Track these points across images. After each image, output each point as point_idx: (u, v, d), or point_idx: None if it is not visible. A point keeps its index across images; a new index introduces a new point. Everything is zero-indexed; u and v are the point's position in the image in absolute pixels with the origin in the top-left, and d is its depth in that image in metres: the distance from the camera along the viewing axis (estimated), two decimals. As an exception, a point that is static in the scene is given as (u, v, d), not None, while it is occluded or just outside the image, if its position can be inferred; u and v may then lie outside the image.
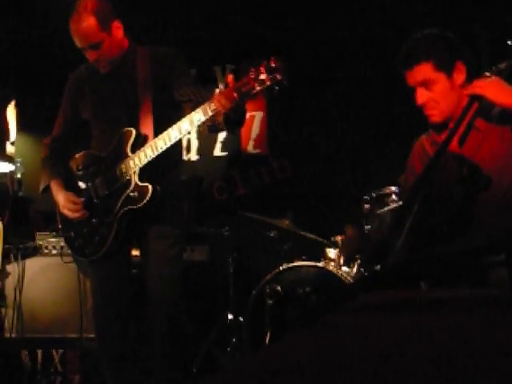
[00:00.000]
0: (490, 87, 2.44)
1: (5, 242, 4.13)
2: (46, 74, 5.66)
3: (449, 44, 2.64)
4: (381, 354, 0.87)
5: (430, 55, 2.59)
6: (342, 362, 0.84)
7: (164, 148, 2.95)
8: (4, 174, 4.57)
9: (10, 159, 4.38)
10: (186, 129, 2.90)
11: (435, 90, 2.62)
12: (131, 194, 3.03)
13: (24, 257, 4.59)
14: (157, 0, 5.68)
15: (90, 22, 3.05)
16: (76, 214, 3.20)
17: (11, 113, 4.42)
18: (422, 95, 2.64)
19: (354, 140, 5.36)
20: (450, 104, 2.64)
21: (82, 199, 3.22)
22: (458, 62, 2.62)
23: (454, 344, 0.92)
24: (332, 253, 4.37)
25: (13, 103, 4.41)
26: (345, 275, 4.08)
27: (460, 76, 2.62)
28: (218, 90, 2.79)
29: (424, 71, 2.61)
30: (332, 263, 4.29)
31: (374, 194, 3.91)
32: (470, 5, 4.86)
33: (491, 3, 4.72)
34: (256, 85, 2.63)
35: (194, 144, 5.85)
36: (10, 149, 4.39)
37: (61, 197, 3.26)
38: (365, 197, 3.91)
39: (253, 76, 2.63)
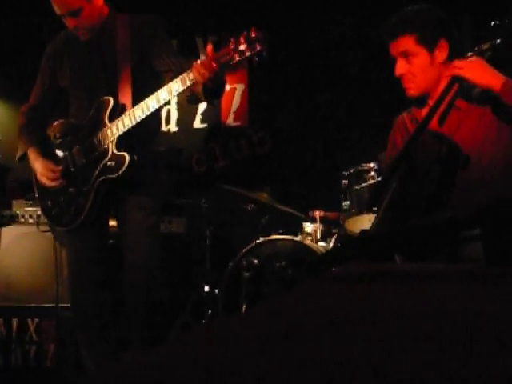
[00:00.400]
0: (471, 68, 2.44)
1: (-20, 209, 4.09)
2: (24, 41, 5.59)
3: (436, 20, 2.64)
4: (354, 323, 0.87)
5: (414, 28, 2.60)
6: (316, 329, 0.84)
7: (142, 117, 2.93)
8: (-19, 142, 4.52)
9: (-14, 126, 4.33)
10: (164, 98, 2.87)
11: (414, 63, 2.63)
12: (108, 163, 3.01)
13: (0, 225, 4.55)
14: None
15: None
16: (53, 183, 3.18)
17: (-12, 80, 4.35)
18: (400, 66, 2.65)
19: (333, 115, 5.36)
20: (428, 79, 2.65)
21: (60, 167, 3.19)
22: (442, 39, 2.62)
23: (427, 316, 0.93)
24: (309, 227, 4.40)
25: (-10, 70, 4.34)
26: (321, 249, 4.10)
27: (442, 53, 2.62)
28: (198, 61, 2.75)
29: (406, 43, 2.61)
30: (309, 237, 4.31)
31: (352, 170, 3.92)
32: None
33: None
34: (236, 55, 2.61)
35: (174, 115, 5.82)
36: (-14, 116, 4.33)
37: (38, 164, 3.23)
38: (343, 172, 3.92)
39: (232, 46, 2.61)
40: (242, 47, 2.59)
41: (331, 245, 4.27)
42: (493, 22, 2.50)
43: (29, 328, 4.32)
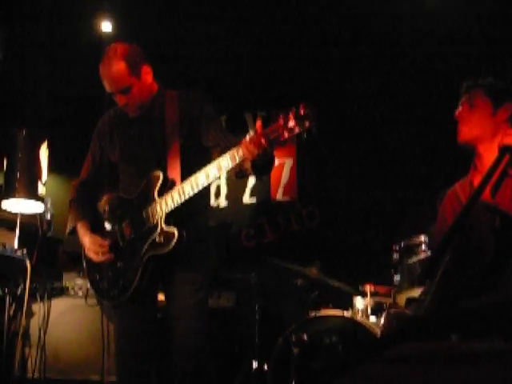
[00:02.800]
0: None
1: (32, 281, 4.13)
2: (78, 116, 5.75)
3: (508, 87, 2.79)
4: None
5: (487, 85, 2.77)
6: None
7: (191, 194, 2.92)
8: (34, 214, 4.59)
9: (41, 199, 4.41)
10: (214, 174, 2.87)
11: (476, 111, 2.74)
12: (157, 238, 3.00)
13: (50, 297, 4.59)
14: (188, 47, 5.74)
15: (119, 66, 3.08)
16: (101, 258, 3.18)
17: (44, 153, 4.45)
18: (462, 110, 2.78)
19: (383, 188, 5.32)
20: (483, 129, 2.72)
21: (108, 242, 3.20)
22: (509, 102, 2.72)
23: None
24: (360, 302, 4.30)
25: (45, 143, 4.44)
26: (372, 326, 4.00)
27: (505, 113, 2.72)
28: (247, 137, 2.75)
29: (475, 94, 2.76)
30: (359, 313, 4.22)
31: (403, 244, 3.86)
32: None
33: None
34: (285, 132, 2.59)
35: (224, 190, 5.86)
36: (41, 189, 4.41)
37: (87, 239, 3.25)
38: (394, 246, 3.86)
39: (281, 123, 2.60)
40: (291, 124, 2.58)
41: (382, 320, 4.16)
42: None
43: (76, 401, 4.32)
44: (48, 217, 4.77)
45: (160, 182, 3.05)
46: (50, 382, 4.36)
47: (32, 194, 4.30)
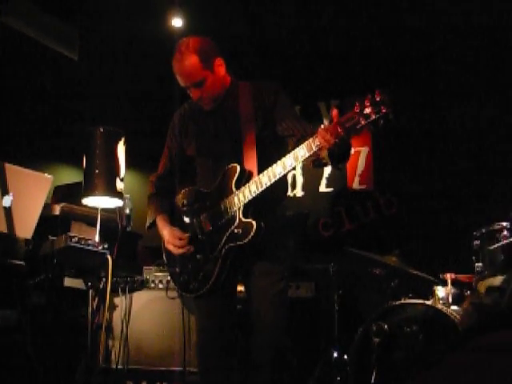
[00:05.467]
0: None
1: (113, 275, 4.22)
2: (153, 112, 5.83)
3: None
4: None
5: None
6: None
7: (268, 184, 2.93)
8: (114, 210, 4.68)
9: (119, 195, 4.49)
10: (291, 164, 2.86)
11: None
12: (235, 230, 3.02)
13: (131, 290, 4.69)
14: (261, 38, 5.75)
15: (192, 60, 3.09)
16: (180, 250, 3.22)
17: (121, 150, 4.53)
18: None
19: (461, 173, 5.21)
20: None
21: (187, 235, 3.23)
22: None
23: None
24: (440, 290, 4.23)
25: (122, 140, 4.52)
26: (454, 314, 3.93)
27: None
28: (322, 126, 2.73)
29: None
30: (441, 301, 4.15)
31: (484, 230, 3.77)
32: None
33: None
34: (361, 119, 2.56)
35: (300, 180, 5.86)
36: (119, 185, 4.49)
37: (166, 232, 3.29)
38: (474, 232, 3.78)
39: (357, 110, 2.57)
40: (368, 110, 2.54)
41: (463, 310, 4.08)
42: None
43: (158, 391, 4.41)
44: (127, 212, 4.87)
45: (237, 174, 3.06)
46: (133, 372, 4.46)
47: (111, 190, 4.38)
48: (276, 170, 2.90)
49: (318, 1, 5.50)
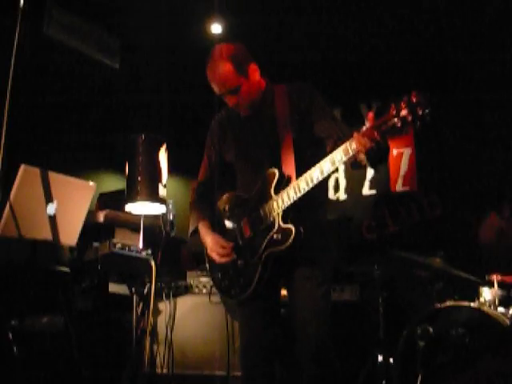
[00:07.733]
0: None
1: (157, 280, 4.26)
2: (194, 118, 5.87)
3: None
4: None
5: None
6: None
7: (306, 189, 2.91)
8: (157, 216, 4.73)
9: (162, 201, 4.53)
10: (328, 169, 2.84)
11: None
12: (275, 235, 3.01)
13: (175, 295, 4.73)
14: (300, 41, 5.75)
15: (226, 67, 3.10)
16: (223, 259, 3.22)
17: (163, 156, 4.58)
18: None
19: (505, 173, 5.13)
20: None
21: (231, 244, 3.23)
22: None
23: None
24: (486, 292, 4.16)
25: (164, 147, 4.57)
26: (501, 316, 3.86)
27: None
28: (360, 130, 2.70)
29: None
30: (487, 303, 4.08)
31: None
32: None
33: None
34: (397, 121, 2.53)
35: (342, 183, 5.84)
36: (162, 191, 4.54)
37: (209, 239, 3.30)
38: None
39: (393, 112, 2.53)
40: (404, 113, 2.51)
41: (511, 311, 4.01)
42: None
43: (204, 395, 4.44)
44: (170, 217, 4.91)
45: (276, 178, 3.06)
46: (177, 377, 4.50)
47: (154, 196, 4.43)
48: (314, 175, 2.88)
49: (361, 2, 5.47)
